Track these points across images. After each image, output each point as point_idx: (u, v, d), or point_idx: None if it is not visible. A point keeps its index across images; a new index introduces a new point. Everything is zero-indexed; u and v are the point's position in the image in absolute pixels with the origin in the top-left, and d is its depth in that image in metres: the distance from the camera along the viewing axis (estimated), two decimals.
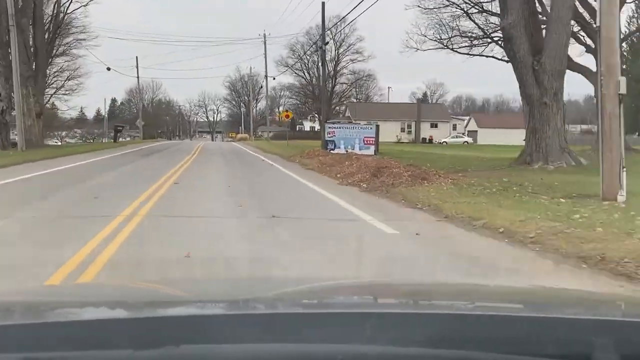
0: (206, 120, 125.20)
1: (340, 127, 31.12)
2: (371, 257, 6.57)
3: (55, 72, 53.15)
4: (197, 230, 8.09)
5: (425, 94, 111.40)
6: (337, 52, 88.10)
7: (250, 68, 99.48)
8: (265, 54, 62.40)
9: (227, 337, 1.22)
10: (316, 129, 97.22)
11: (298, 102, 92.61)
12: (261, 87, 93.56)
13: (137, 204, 10.52)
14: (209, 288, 2.21)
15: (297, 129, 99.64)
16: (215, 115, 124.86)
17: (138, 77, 72.10)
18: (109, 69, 51.34)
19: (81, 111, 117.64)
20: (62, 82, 55.08)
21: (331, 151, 29.78)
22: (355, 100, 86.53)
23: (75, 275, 5.47)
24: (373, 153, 29.09)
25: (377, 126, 30.08)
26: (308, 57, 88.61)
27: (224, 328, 1.25)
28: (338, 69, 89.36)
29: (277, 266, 5.94)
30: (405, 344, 1.22)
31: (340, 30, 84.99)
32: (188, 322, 1.33)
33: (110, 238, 7.29)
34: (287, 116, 44.23)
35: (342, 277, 5.14)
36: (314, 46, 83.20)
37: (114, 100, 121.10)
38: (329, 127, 31.15)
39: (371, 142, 29.51)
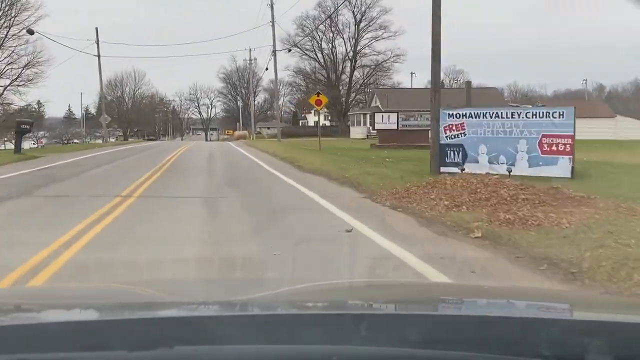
0: (199, 116, 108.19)
1: (474, 118, 14.07)
2: None
3: (5, 57, 43.20)
4: None
5: (443, 83, 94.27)
6: (357, 28, 70.98)
7: (250, 50, 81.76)
8: (272, 21, 45.45)
9: (222, 339, 1.20)
10: (321, 124, 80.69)
11: (306, 91, 75.08)
12: (266, 69, 76.71)
13: None
14: (203, 289, 2.20)
15: (300, 124, 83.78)
16: (208, 111, 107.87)
17: (99, 55, 55.42)
18: (31, 32, 34.64)
19: (69, 109, 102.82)
20: (20, 70, 44.22)
21: (462, 171, 13.05)
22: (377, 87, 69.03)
23: None
24: (569, 174, 12.23)
25: (574, 108, 12.93)
26: (321, 34, 71.71)
27: (218, 329, 1.23)
28: (358, 49, 72.19)
29: None
30: (400, 344, 1.20)
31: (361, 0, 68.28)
32: (182, 323, 1.30)
33: None
34: (318, 102, 27.02)
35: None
36: (328, 20, 66.77)
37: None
38: (451, 119, 14.33)
39: (565, 148, 12.57)
